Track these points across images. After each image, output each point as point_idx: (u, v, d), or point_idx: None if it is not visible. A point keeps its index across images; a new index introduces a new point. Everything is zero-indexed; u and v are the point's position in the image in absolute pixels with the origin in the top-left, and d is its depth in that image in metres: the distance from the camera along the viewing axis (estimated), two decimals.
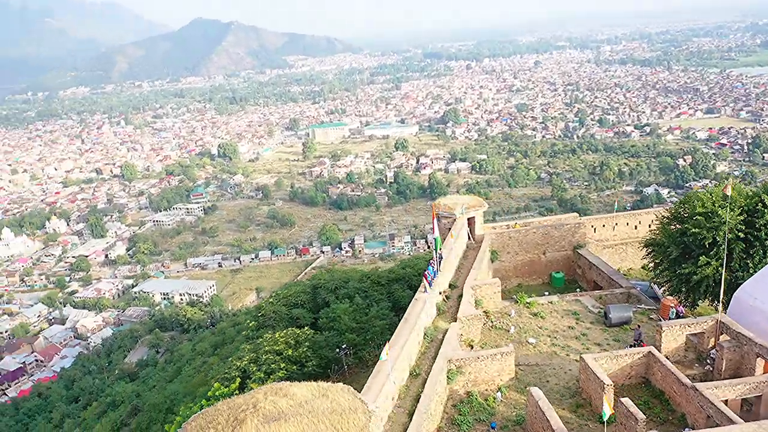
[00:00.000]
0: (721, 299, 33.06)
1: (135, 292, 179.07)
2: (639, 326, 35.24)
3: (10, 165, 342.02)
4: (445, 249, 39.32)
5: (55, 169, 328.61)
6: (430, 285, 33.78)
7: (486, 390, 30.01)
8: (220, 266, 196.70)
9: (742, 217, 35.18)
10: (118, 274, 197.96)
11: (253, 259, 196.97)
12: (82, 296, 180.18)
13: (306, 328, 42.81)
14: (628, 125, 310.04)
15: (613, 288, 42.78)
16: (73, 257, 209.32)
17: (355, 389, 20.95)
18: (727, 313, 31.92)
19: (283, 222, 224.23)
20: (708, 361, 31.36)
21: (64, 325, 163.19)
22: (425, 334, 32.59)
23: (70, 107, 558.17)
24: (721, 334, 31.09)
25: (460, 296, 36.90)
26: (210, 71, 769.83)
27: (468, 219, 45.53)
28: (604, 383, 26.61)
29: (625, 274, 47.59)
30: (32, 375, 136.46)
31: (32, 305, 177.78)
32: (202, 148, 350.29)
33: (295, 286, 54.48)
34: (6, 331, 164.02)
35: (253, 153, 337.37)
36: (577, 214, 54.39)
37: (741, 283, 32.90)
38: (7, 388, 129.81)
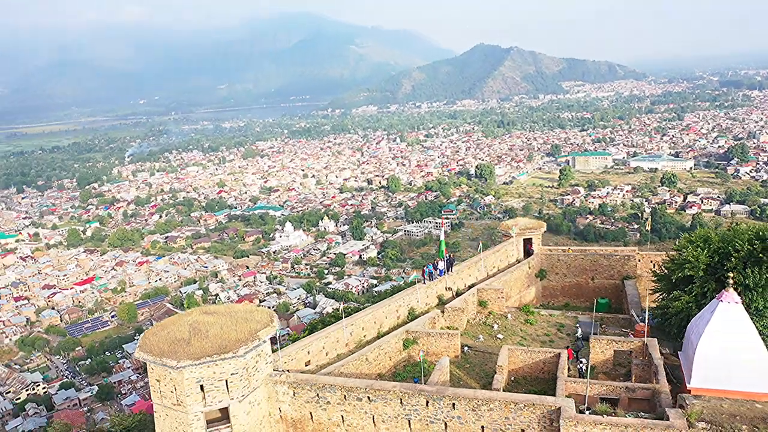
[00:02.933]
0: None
1: (375, 291, 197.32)
2: (581, 339, 39.03)
3: (302, 170, 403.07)
4: (474, 258, 47.37)
5: (336, 177, 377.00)
6: (431, 279, 42.76)
7: (435, 360, 36.15)
8: None
9: (714, 259, 36.05)
10: (366, 273, 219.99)
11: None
12: (333, 288, 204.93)
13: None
14: None
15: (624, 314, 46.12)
16: (334, 254, 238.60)
17: None
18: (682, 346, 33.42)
19: None
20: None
21: (314, 309, 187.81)
22: (410, 313, 40.34)
23: (358, 123, 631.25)
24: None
25: None
26: (484, 95, 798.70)
27: (525, 240, 51.12)
28: (497, 364, 32.97)
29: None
30: (283, 345, 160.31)
31: (295, 289, 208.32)
32: (462, 167, 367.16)
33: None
34: (272, 306, 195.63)
35: (508, 176, 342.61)
36: (636, 248, 54.97)
37: None
38: None
